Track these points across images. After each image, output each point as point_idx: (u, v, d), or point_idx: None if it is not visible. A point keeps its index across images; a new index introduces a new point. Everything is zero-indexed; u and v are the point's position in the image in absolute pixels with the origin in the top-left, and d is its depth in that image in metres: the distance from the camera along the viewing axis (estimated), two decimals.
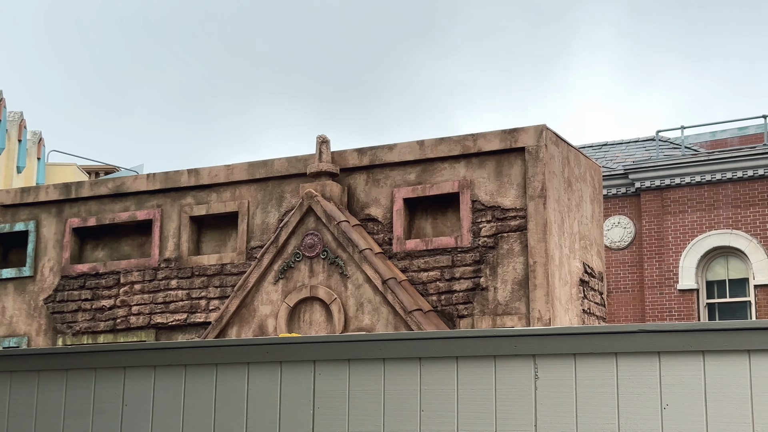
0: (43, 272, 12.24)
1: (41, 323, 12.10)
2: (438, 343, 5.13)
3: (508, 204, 10.19)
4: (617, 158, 23.58)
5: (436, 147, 10.59)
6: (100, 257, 12.19)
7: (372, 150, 10.92)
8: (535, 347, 4.93)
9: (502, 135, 10.31)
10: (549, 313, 9.72)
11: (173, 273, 11.58)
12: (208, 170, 11.67)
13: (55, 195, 12.36)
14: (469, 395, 5.02)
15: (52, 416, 5.76)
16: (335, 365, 5.31)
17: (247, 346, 5.53)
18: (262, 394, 5.40)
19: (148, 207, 11.92)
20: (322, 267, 10.61)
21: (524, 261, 9.96)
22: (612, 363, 4.80)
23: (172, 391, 5.57)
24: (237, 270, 11.24)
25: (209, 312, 11.27)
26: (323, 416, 5.27)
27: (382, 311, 10.21)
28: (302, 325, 10.61)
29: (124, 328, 11.67)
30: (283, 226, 10.84)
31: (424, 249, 10.44)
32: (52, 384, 5.80)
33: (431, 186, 10.55)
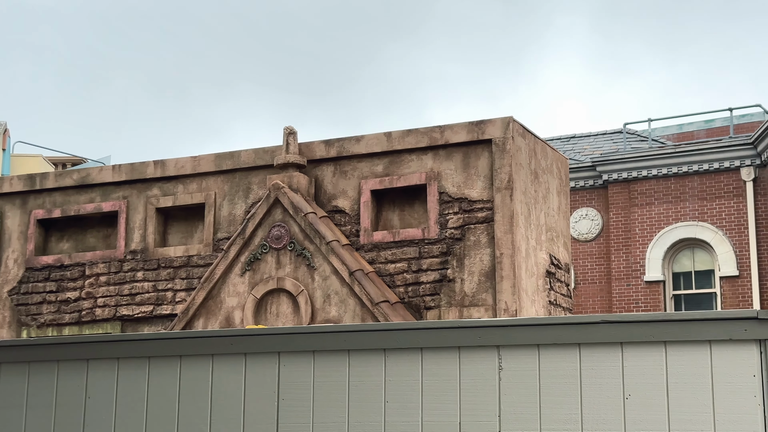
0: (8, 264, 12.12)
1: (5, 315, 11.98)
2: (403, 334, 5.14)
3: (475, 196, 10.21)
4: (585, 150, 23.71)
5: (404, 139, 10.59)
6: (65, 249, 12.09)
7: (339, 141, 10.90)
8: (499, 338, 4.95)
9: (469, 127, 10.32)
10: (515, 305, 9.76)
11: (139, 265, 11.50)
12: (174, 161, 11.59)
13: (19, 186, 12.23)
14: (433, 386, 5.03)
15: (14, 408, 5.71)
16: (300, 357, 5.30)
17: (212, 338, 5.51)
18: (226, 386, 5.38)
19: (113, 198, 11.83)
20: (289, 259, 10.58)
21: (491, 252, 9.99)
22: (575, 354, 4.83)
23: (135, 384, 5.54)
24: (203, 262, 11.19)
25: (176, 304, 11.22)
26: (288, 408, 5.26)
27: (349, 303, 10.21)
28: (269, 317, 10.58)
29: (89, 321, 11.58)
30: (250, 217, 10.80)
31: (391, 241, 10.44)
32: (14, 376, 5.75)
33: (398, 178, 10.55)
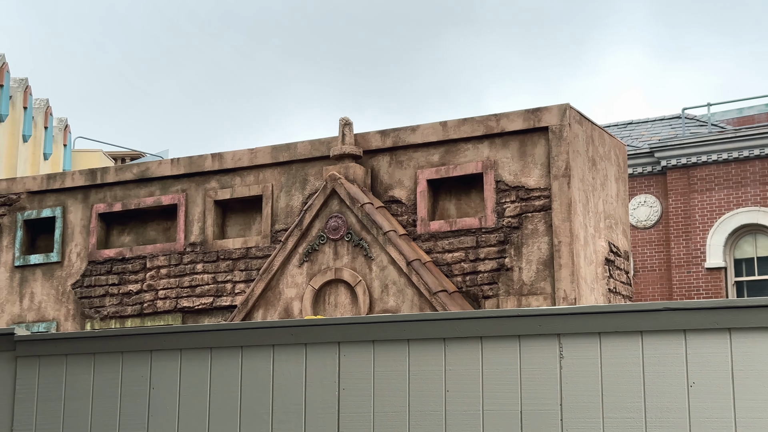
0: (71, 258, 12.33)
1: (69, 308, 12.20)
2: (462, 323, 5.13)
3: (532, 184, 10.15)
4: (643, 137, 23.43)
5: (459, 128, 10.56)
6: (126, 242, 12.27)
7: (395, 132, 10.91)
8: (560, 326, 4.92)
9: (525, 115, 10.26)
10: (574, 293, 9.69)
11: (199, 257, 11.63)
12: (231, 154, 11.69)
13: (81, 181, 12.43)
14: (494, 375, 5.02)
15: (81, 400, 5.81)
16: (360, 346, 5.32)
17: (273, 329, 5.55)
18: (287, 376, 5.42)
19: (172, 192, 11.97)
20: (346, 249, 10.62)
21: (549, 241, 9.93)
22: (637, 341, 4.78)
23: (198, 374, 5.61)
24: (262, 253, 11.28)
25: (235, 295, 11.32)
26: (348, 397, 5.29)
27: (406, 293, 10.22)
28: (327, 307, 10.64)
29: (151, 313, 11.75)
30: (307, 209, 10.85)
31: (448, 230, 10.43)
32: (81, 368, 5.85)
33: (455, 167, 10.52)
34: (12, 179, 12.99)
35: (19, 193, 12.73)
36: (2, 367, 6.00)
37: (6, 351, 6.02)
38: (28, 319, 12.32)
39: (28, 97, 25.95)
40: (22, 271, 12.51)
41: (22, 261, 12.49)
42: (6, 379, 5.98)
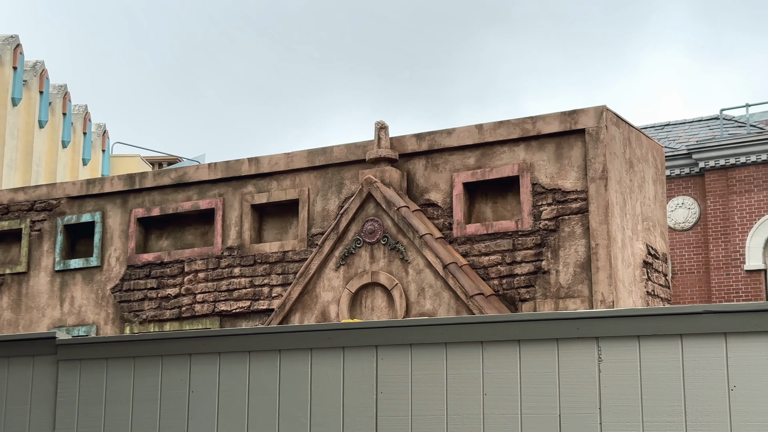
0: (110, 262, 12.46)
1: (109, 312, 12.32)
2: (500, 327, 5.12)
3: (568, 186, 10.10)
4: (680, 138, 23.24)
5: (495, 130, 10.54)
6: (165, 246, 12.37)
7: (430, 135, 10.91)
8: (599, 329, 4.90)
9: (561, 117, 10.22)
10: (612, 296, 9.63)
11: (236, 261, 11.70)
12: (268, 158, 11.76)
13: (119, 186, 12.55)
14: (532, 379, 5.00)
15: (121, 403, 5.87)
16: (397, 350, 5.33)
17: (310, 332, 5.58)
18: (325, 380, 5.44)
19: (210, 196, 12.05)
20: (382, 253, 10.64)
21: (586, 243, 9.88)
22: (677, 345, 4.75)
23: (236, 377, 5.64)
24: (298, 257, 11.32)
25: (272, 299, 11.38)
26: (386, 401, 5.30)
27: (443, 296, 10.21)
28: (364, 310, 10.66)
29: (189, 316, 11.84)
30: (344, 212, 10.89)
31: (484, 233, 10.41)
32: (121, 371, 5.91)
33: (491, 170, 10.51)
34: (52, 185, 13.14)
35: (59, 199, 12.88)
36: (44, 371, 6.07)
37: (48, 355, 6.10)
38: (68, 323, 12.45)
39: (67, 104, 26.25)
40: (63, 276, 12.65)
41: (63, 265, 12.64)
42: (48, 383, 6.06)
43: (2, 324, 12.80)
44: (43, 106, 24.83)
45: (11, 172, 23.25)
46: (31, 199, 13.05)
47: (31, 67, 24.58)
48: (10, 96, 23.22)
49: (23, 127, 24.17)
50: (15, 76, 23.39)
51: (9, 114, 23.20)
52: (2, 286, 12.92)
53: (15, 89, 23.41)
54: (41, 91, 24.79)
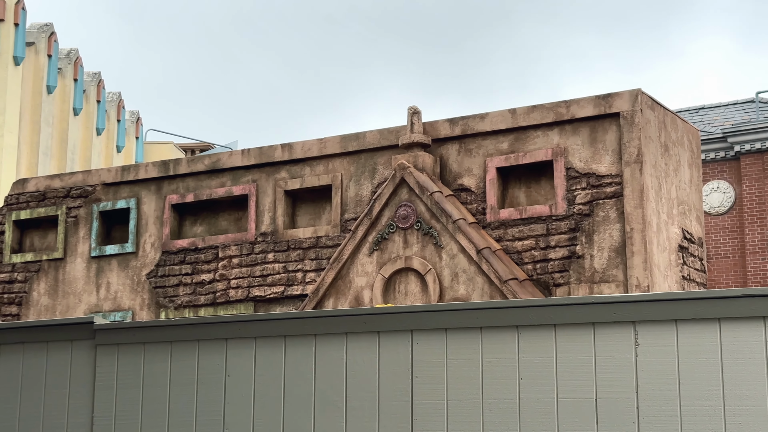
0: (145, 248, 12.55)
1: (144, 298, 12.42)
2: (536, 311, 5.11)
3: (603, 170, 10.04)
4: (715, 122, 23.00)
5: (529, 115, 10.49)
6: (199, 232, 12.45)
7: (463, 120, 10.88)
8: (636, 314, 4.88)
9: (595, 101, 10.15)
10: (647, 280, 9.57)
11: (270, 246, 11.75)
12: (301, 144, 11.78)
13: (154, 173, 12.64)
14: (568, 363, 4.99)
15: (158, 387, 5.92)
16: (433, 334, 5.33)
17: (346, 317, 5.59)
18: (360, 364, 5.46)
19: (243, 182, 12.10)
20: (416, 238, 10.64)
21: (621, 228, 9.82)
22: (715, 328, 4.72)
23: (272, 362, 5.67)
24: (332, 242, 11.35)
25: (306, 284, 11.42)
26: (421, 385, 5.31)
27: (477, 281, 10.20)
28: (398, 296, 10.67)
29: (223, 302, 11.91)
30: (377, 198, 10.89)
31: (518, 218, 10.38)
32: (158, 356, 5.96)
33: (524, 154, 10.46)
34: (87, 172, 13.26)
35: (94, 185, 12.99)
36: (82, 356, 6.14)
37: (86, 340, 6.16)
38: (104, 308, 12.58)
39: (101, 91, 26.44)
40: (98, 262, 12.77)
41: (98, 252, 12.75)
42: (86, 367, 6.12)
43: (40, 309, 12.95)
44: (77, 94, 25.02)
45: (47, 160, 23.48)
46: (67, 186, 13.17)
47: (66, 55, 24.77)
48: (45, 84, 23.42)
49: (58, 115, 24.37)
50: (50, 64, 23.59)
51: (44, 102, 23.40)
52: (39, 272, 13.06)
53: (50, 77, 23.60)
54: (76, 78, 24.98)
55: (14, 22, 22.04)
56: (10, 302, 13.09)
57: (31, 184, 13.44)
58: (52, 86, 23.62)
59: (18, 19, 22.13)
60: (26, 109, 22.78)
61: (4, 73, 21.63)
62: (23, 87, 22.51)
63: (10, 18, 22.03)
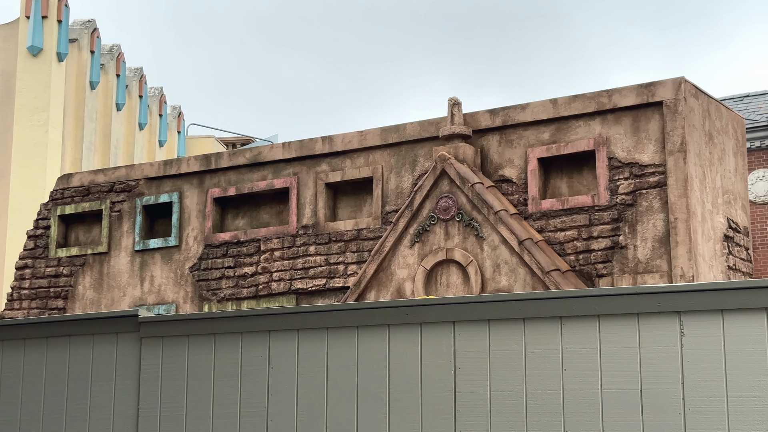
0: (188, 241, 12.65)
1: (188, 291, 12.52)
2: (579, 302, 5.08)
3: (646, 160, 9.95)
4: (760, 109, 22.68)
5: (570, 105, 10.41)
6: (241, 225, 12.52)
7: (504, 110, 10.83)
8: (681, 304, 4.82)
9: (638, 89, 10.05)
10: (692, 270, 9.47)
11: (311, 239, 11.79)
12: (341, 137, 11.79)
13: (196, 166, 12.72)
14: (612, 353, 4.95)
15: (202, 379, 5.96)
16: (475, 326, 5.32)
17: (388, 308, 5.59)
18: (403, 356, 5.45)
19: (284, 175, 12.15)
20: (457, 229, 10.61)
21: (665, 218, 9.72)
22: (762, 318, 4.66)
23: (315, 354, 5.69)
24: (373, 235, 11.36)
25: (347, 277, 11.44)
26: (464, 377, 5.29)
27: (519, 272, 10.16)
28: (439, 287, 10.65)
29: (266, 294, 11.97)
30: (418, 189, 10.88)
31: (560, 208, 10.31)
32: (202, 348, 6.00)
33: (566, 144, 10.39)
34: (130, 166, 13.37)
35: (137, 180, 13.11)
36: (127, 348, 6.20)
37: (131, 332, 6.22)
38: (148, 301, 12.70)
39: (143, 86, 26.67)
40: (142, 255, 12.89)
41: (142, 245, 12.87)
42: (131, 360, 6.18)
43: (85, 303, 13.10)
44: (120, 89, 25.25)
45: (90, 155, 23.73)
46: (111, 180, 13.30)
47: (108, 51, 25.00)
48: (88, 80, 23.66)
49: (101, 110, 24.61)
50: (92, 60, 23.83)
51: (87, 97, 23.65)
52: (84, 266, 13.22)
53: (93, 73, 23.85)
54: (118, 74, 25.21)
55: (57, 19, 22.29)
56: (56, 296, 13.27)
57: (75, 179, 13.59)
58: (95, 82, 23.86)
59: (61, 16, 22.38)
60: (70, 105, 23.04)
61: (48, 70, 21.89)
62: (67, 83, 22.76)
63: (54, 15, 22.28)
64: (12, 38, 22.08)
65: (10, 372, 6.43)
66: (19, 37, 21.97)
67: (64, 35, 22.44)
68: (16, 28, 22.10)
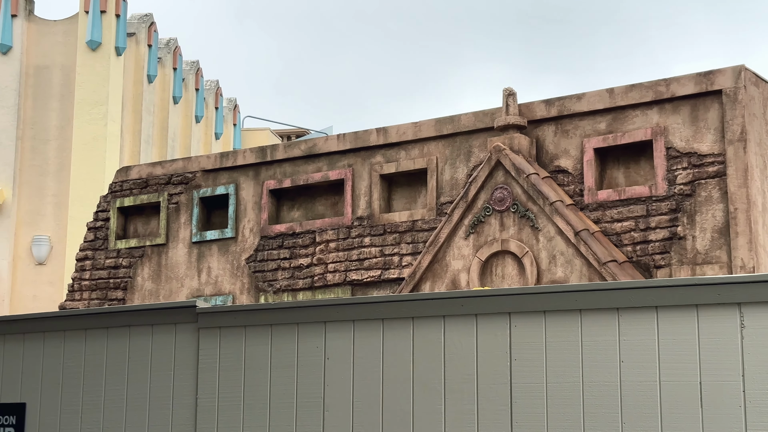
0: (244, 233, 12.76)
1: (244, 282, 12.64)
2: (637, 293, 5.03)
3: (705, 150, 9.81)
4: None
5: (627, 94, 10.30)
6: (296, 217, 12.59)
7: (560, 100, 10.74)
8: (741, 295, 4.75)
9: (696, 78, 9.91)
10: (753, 261, 9.32)
11: (366, 231, 11.82)
12: (396, 128, 11.80)
13: (252, 159, 12.82)
14: (670, 345, 4.90)
15: (260, 369, 6.01)
16: (531, 317, 5.29)
17: (443, 300, 5.59)
18: (458, 347, 5.45)
19: (339, 167, 12.19)
20: (512, 220, 10.56)
21: (724, 208, 9.58)
22: None
23: (371, 344, 5.71)
24: (428, 226, 11.35)
25: (402, 268, 11.45)
26: (520, 368, 5.27)
27: (575, 263, 10.08)
28: (494, 278, 10.62)
29: (321, 286, 12.03)
30: (472, 180, 10.84)
31: (616, 199, 10.22)
32: (259, 338, 6.06)
33: (623, 134, 10.28)
34: (187, 158, 13.52)
35: (194, 172, 13.25)
36: (186, 338, 6.28)
37: (189, 323, 6.30)
38: (205, 292, 12.84)
39: (200, 79, 26.92)
40: (199, 247, 13.03)
41: (199, 237, 13.01)
42: (189, 350, 6.26)
43: (144, 294, 13.29)
44: (176, 83, 25.52)
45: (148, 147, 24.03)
46: (168, 172, 13.46)
47: (165, 45, 25.27)
48: (145, 73, 23.95)
49: (159, 104, 24.90)
50: (150, 54, 24.11)
51: (145, 91, 23.94)
52: (143, 258, 13.40)
53: (150, 66, 24.13)
54: (175, 67, 25.48)
55: (115, 13, 22.58)
56: (115, 287, 13.47)
57: (133, 172, 13.78)
58: (153, 75, 24.14)
59: (119, 11, 22.67)
60: (128, 99, 23.35)
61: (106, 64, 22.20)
62: (125, 77, 23.07)
63: (112, 9, 22.58)
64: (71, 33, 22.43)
65: (71, 362, 6.55)
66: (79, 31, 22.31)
67: (122, 29, 22.74)
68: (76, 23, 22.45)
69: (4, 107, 22.10)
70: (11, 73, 22.20)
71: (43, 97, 22.34)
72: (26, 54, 22.48)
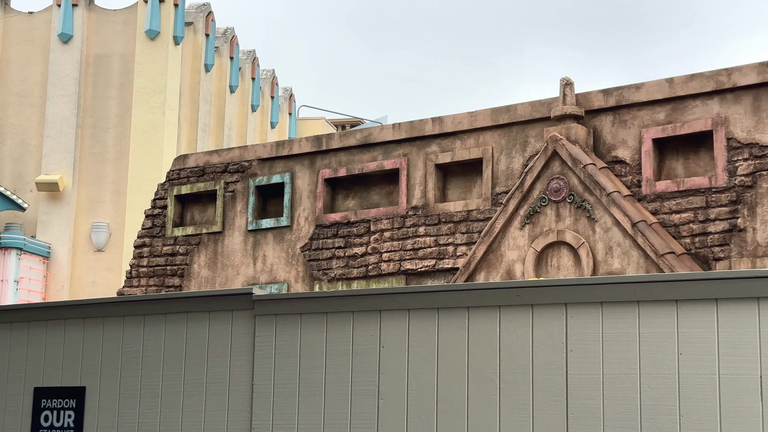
0: (299, 222, 12.83)
1: (299, 270, 12.71)
2: (696, 285, 4.97)
3: (766, 141, 9.63)
4: None
5: (687, 84, 10.15)
6: (351, 206, 12.62)
7: (618, 90, 10.63)
8: None
9: (759, 68, 9.73)
10: None
11: (421, 220, 11.81)
12: (451, 118, 11.76)
13: (307, 147, 12.87)
14: (730, 338, 4.84)
15: (315, 357, 6.05)
16: (587, 308, 5.26)
17: (499, 290, 5.57)
18: (514, 337, 5.43)
19: (394, 156, 12.19)
20: (568, 211, 10.48)
21: None
22: None
23: (425, 334, 5.71)
24: (483, 216, 11.31)
25: (457, 258, 11.43)
26: (576, 359, 5.24)
27: (632, 255, 9.98)
28: (550, 269, 10.55)
29: (375, 275, 12.06)
30: (528, 170, 10.78)
31: (675, 190, 10.08)
32: (314, 326, 6.09)
33: (682, 125, 10.14)
34: (244, 147, 13.62)
35: (250, 161, 13.35)
36: (243, 325, 6.33)
37: (245, 310, 6.35)
38: (261, 280, 12.94)
39: (256, 69, 27.09)
40: (255, 235, 13.13)
41: (255, 225, 13.11)
42: (246, 337, 6.32)
43: (200, 281, 13.43)
44: (233, 72, 25.71)
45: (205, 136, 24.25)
46: (225, 161, 13.57)
47: (222, 34, 25.46)
48: (203, 62, 24.16)
49: (215, 93, 25.10)
50: (207, 43, 24.30)
51: (202, 80, 24.15)
52: (200, 245, 13.54)
53: (207, 56, 24.33)
54: (231, 57, 25.66)
55: (174, 2, 22.80)
56: (172, 274, 13.64)
57: (191, 160, 13.92)
58: (210, 65, 24.34)
59: (177, 0, 22.88)
60: (185, 88, 23.57)
61: (164, 53, 22.43)
62: (183, 66, 23.29)
63: None
64: (130, 22, 22.69)
65: (130, 347, 6.65)
66: (137, 21, 22.56)
67: (180, 19, 22.95)
68: (134, 12, 22.71)
69: (65, 95, 22.45)
70: (72, 62, 22.54)
71: (102, 86, 22.63)
72: (86, 43, 22.80)
